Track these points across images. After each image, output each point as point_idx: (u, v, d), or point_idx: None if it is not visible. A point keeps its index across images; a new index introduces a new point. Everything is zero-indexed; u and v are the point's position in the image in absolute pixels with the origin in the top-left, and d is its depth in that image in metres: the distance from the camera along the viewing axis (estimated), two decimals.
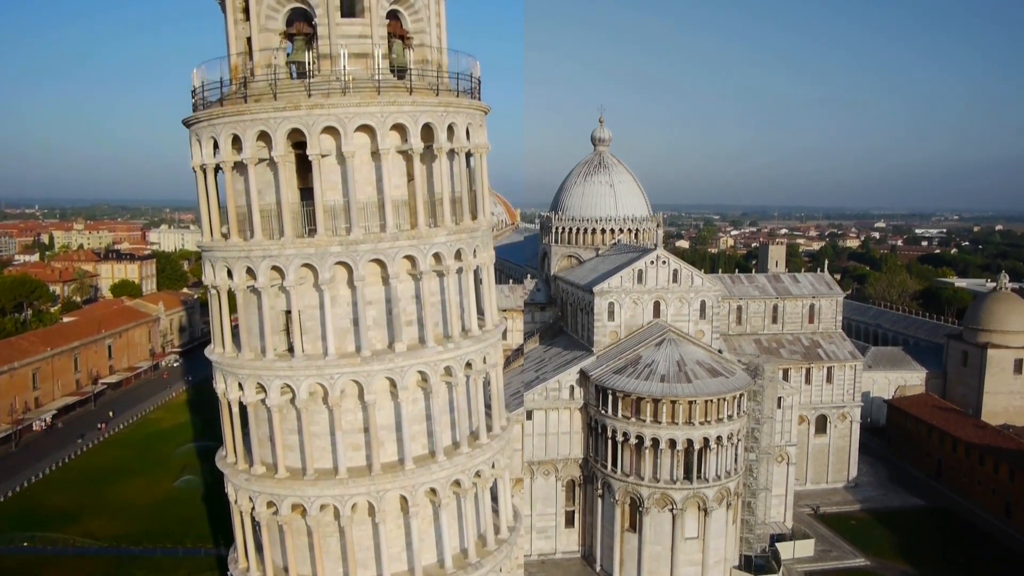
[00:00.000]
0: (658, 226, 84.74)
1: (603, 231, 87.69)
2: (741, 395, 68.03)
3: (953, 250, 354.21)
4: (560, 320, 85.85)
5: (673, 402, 65.83)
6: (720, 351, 74.26)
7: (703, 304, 74.99)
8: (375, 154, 35.22)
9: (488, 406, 42.11)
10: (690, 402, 65.82)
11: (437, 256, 36.61)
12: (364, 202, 35.40)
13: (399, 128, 35.35)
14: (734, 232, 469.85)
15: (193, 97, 36.74)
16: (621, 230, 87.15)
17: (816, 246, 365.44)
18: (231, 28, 36.78)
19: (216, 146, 35.67)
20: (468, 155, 39.38)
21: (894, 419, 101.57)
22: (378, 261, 35.37)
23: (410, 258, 35.95)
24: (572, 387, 72.49)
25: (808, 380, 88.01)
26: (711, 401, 66.11)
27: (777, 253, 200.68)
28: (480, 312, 41.20)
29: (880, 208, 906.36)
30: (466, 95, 38.17)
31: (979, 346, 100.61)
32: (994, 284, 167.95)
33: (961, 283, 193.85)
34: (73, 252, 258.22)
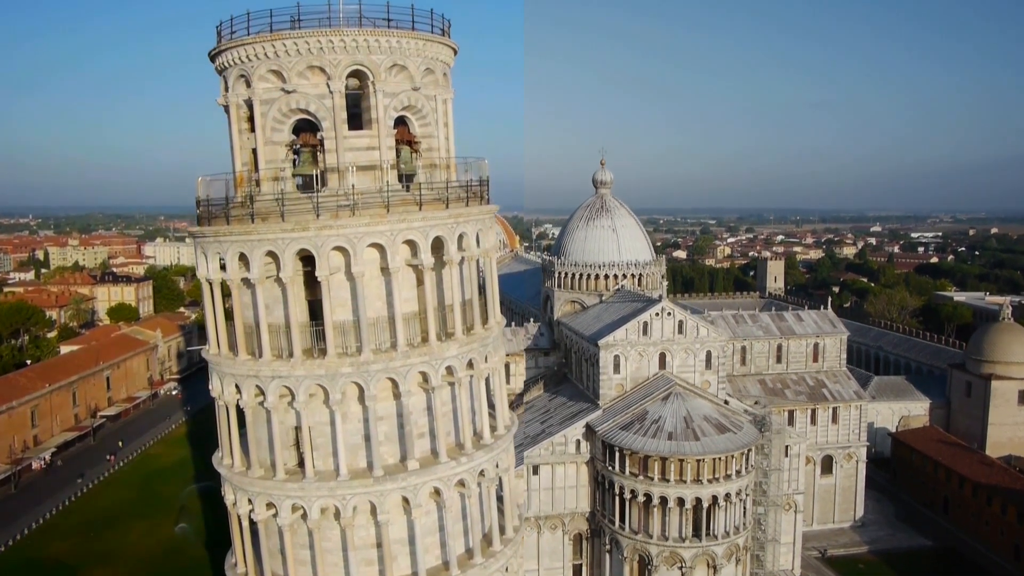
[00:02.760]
0: (663, 277, 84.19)
1: (606, 276, 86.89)
2: (749, 451, 67.67)
3: (950, 257, 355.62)
4: (564, 367, 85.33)
5: (681, 460, 65.48)
6: (726, 401, 73.88)
7: (709, 354, 74.56)
8: (384, 269, 34.65)
9: (500, 499, 41.63)
10: (698, 460, 65.45)
11: (449, 369, 36.03)
12: (374, 318, 34.77)
13: (409, 242, 34.79)
14: (731, 240, 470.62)
15: (198, 207, 36.09)
16: (624, 275, 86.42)
17: (813, 254, 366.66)
18: (235, 137, 36.12)
19: (223, 261, 34.98)
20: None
21: (899, 453, 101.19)
22: (390, 379, 34.78)
23: (422, 373, 35.35)
24: (578, 441, 72.08)
25: (813, 421, 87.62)
26: (719, 459, 65.77)
27: (776, 268, 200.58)
28: (491, 407, 40.60)
29: (875, 209, 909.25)
30: (476, 200, 37.50)
31: (983, 377, 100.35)
32: (995, 301, 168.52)
33: (960, 296, 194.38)
34: (69, 274, 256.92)
